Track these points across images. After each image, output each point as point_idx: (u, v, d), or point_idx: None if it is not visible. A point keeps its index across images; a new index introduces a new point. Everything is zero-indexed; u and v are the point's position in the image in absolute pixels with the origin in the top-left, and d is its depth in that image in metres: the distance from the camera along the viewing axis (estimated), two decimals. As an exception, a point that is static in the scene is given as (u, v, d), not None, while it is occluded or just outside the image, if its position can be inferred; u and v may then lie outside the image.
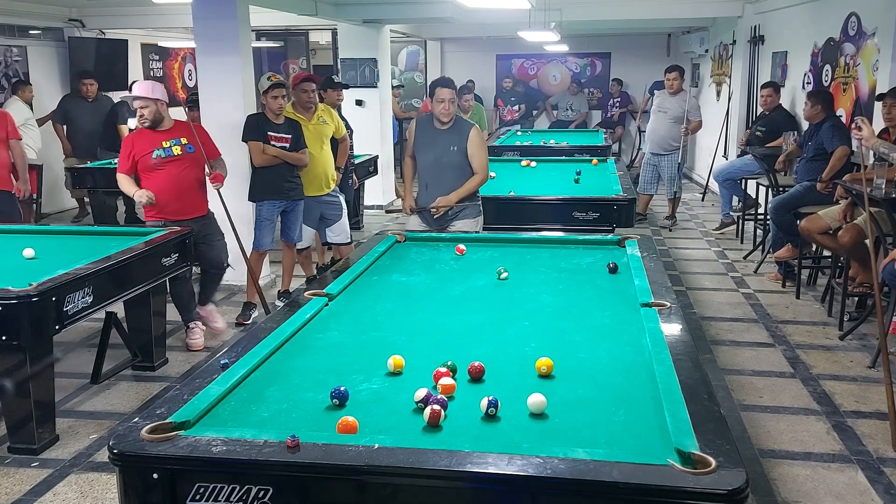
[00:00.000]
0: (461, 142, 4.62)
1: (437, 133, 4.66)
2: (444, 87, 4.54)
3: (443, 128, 4.64)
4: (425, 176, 4.77)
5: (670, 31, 13.20)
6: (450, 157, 4.63)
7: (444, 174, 4.66)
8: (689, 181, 11.49)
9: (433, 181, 4.71)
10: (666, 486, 1.60)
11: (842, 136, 5.70)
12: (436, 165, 4.67)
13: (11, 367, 3.43)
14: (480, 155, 4.69)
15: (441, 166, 4.65)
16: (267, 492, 1.72)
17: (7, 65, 8.82)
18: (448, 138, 4.64)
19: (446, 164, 4.64)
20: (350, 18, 9.00)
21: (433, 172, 4.70)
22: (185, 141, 4.75)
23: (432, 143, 4.66)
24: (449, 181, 4.65)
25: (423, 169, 4.79)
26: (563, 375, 2.27)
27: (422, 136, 4.74)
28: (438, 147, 4.65)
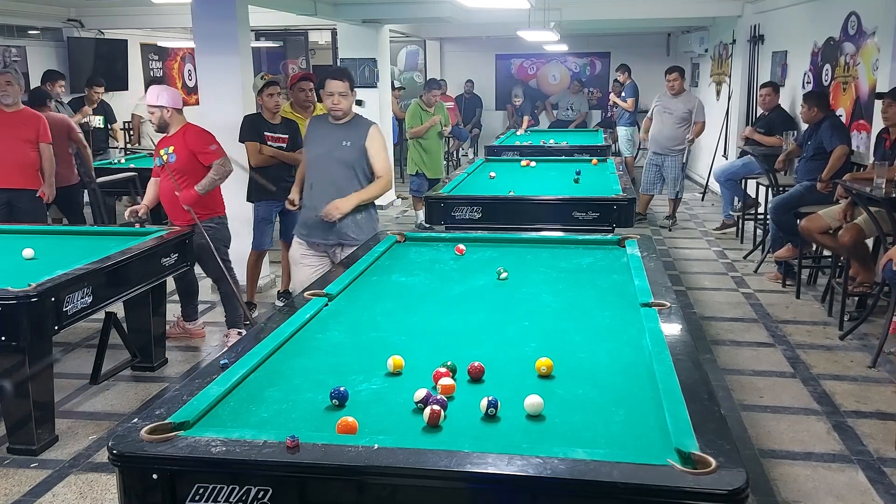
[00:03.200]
0: (358, 139, 4.07)
1: (331, 128, 4.11)
2: (334, 78, 3.96)
3: (337, 123, 4.10)
4: (311, 174, 4.20)
5: (670, 30, 13.21)
6: (341, 152, 4.07)
7: (331, 171, 4.09)
8: (690, 181, 11.48)
9: (319, 179, 4.13)
10: (666, 487, 1.60)
11: (841, 136, 5.70)
12: (323, 161, 4.10)
13: (11, 367, 3.43)
14: (383, 156, 4.18)
15: (329, 162, 4.09)
16: (267, 492, 1.72)
17: (6, 65, 8.81)
18: (341, 133, 4.09)
19: (336, 159, 4.08)
20: (349, 18, 9.00)
21: (319, 169, 4.13)
22: (172, 149, 4.73)
23: (322, 138, 4.12)
24: (336, 180, 4.08)
25: (309, 166, 4.22)
26: (563, 375, 2.26)
27: (314, 131, 4.23)
28: (328, 141, 4.09)
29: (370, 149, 4.07)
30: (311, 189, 4.14)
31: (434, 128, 8.12)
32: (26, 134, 5.57)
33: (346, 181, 4.07)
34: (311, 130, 4.25)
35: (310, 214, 4.13)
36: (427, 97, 8.00)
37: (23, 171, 5.53)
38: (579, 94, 13.27)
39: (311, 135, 4.22)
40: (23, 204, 5.54)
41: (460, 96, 13.18)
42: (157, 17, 9.75)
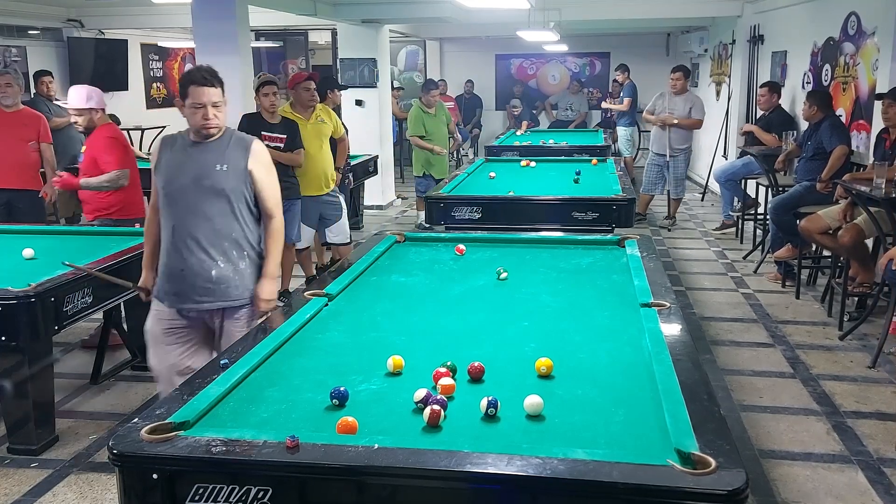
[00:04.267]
0: (237, 160, 3.01)
1: (195, 150, 3.03)
2: (204, 84, 2.94)
3: (204, 141, 3.04)
4: (171, 213, 3.04)
5: (670, 30, 13.21)
6: (214, 179, 2.98)
7: (201, 206, 2.99)
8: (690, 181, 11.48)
9: (184, 218, 3.01)
10: (666, 487, 1.60)
11: (841, 136, 5.70)
12: (189, 193, 3.00)
13: (11, 367, 3.43)
14: (274, 183, 3.14)
15: (198, 194, 2.99)
16: (266, 492, 1.72)
17: (6, 65, 8.81)
18: (212, 155, 3.01)
19: (207, 189, 2.99)
20: (349, 18, 9.00)
21: (183, 204, 3.00)
22: (84, 149, 4.73)
23: (185, 164, 3.03)
24: (210, 218, 3.00)
25: (168, 202, 3.05)
26: (563, 376, 2.26)
27: (169, 155, 3.07)
28: (195, 167, 3.01)
29: (256, 173, 3.05)
30: (174, 234, 3.03)
31: (440, 129, 8.04)
32: (27, 134, 5.57)
33: (224, 218, 3.02)
34: (164, 153, 3.08)
35: (173, 271, 3.05)
36: (426, 98, 7.99)
37: (23, 172, 5.53)
38: (579, 95, 13.27)
39: (165, 160, 3.06)
40: (23, 204, 5.54)
41: (460, 96, 13.19)
42: (157, 17, 9.76)
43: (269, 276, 3.11)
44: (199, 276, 3.01)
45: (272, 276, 3.12)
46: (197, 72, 2.96)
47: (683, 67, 8.56)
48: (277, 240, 3.14)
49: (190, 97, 2.93)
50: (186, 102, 2.94)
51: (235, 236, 3.06)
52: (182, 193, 3.00)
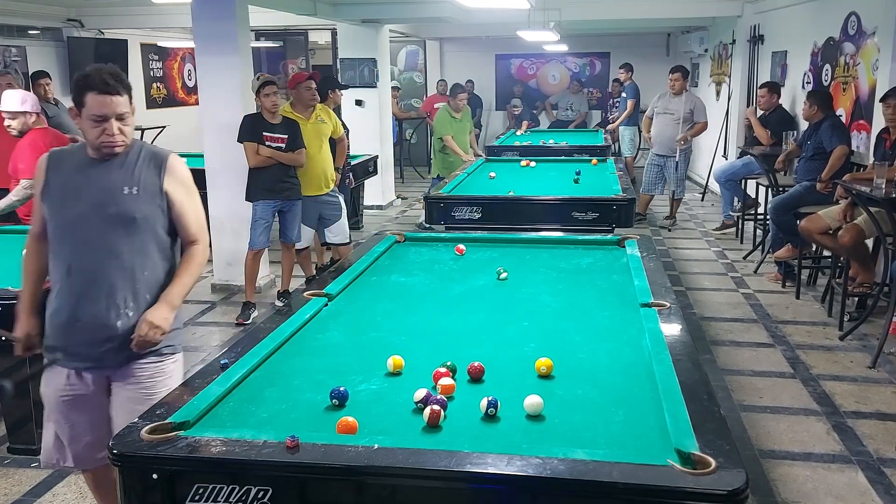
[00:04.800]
0: (150, 180, 2.43)
1: (95, 169, 2.42)
2: (108, 92, 2.37)
3: (104, 159, 2.43)
4: (66, 252, 2.42)
5: (670, 30, 13.21)
6: (121, 204, 2.39)
7: (107, 241, 2.39)
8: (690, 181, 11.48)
9: (82, 258, 2.40)
10: (666, 487, 1.60)
11: (841, 136, 5.70)
12: (89, 224, 2.39)
13: (11, 367, 3.42)
14: (197, 204, 2.59)
15: (100, 224, 2.39)
16: (266, 492, 1.72)
17: (6, 65, 8.81)
18: (117, 175, 2.41)
19: (114, 219, 2.39)
20: (349, 18, 9.00)
21: (83, 239, 2.40)
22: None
23: (82, 187, 2.41)
24: (118, 254, 2.40)
25: (59, 237, 2.44)
26: (563, 376, 2.26)
27: (60, 176, 2.45)
28: (94, 191, 2.40)
29: (174, 194, 2.47)
30: (70, 275, 2.40)
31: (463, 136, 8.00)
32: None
33: (134, 254, 2.40)
34: (53, 174, 2.44)
35: (65, 322, 2.41)
36: (454, 102, 7.95)
37: None
38: (579, 95, 13.27)
39: (55, 182, 2.42)
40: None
41: (460, 96, 13.17)
42: (157, 17, 9.76)
43: (168, 302, 2.43)
44: (101, 330, 2.38)
45: (172, 303, 2.44)
46: (96, 75, 2.33)
47: (682, 68, 8.57)
48: (194, 266, 2.52)
49: (87, 107, 2.32)
50: (83, 113, 2.33)
51: (149, 275, 2.43)
52: (80, 224, 2.36)
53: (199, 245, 2.55)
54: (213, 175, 6.14)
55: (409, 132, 13.35)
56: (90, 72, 2.39)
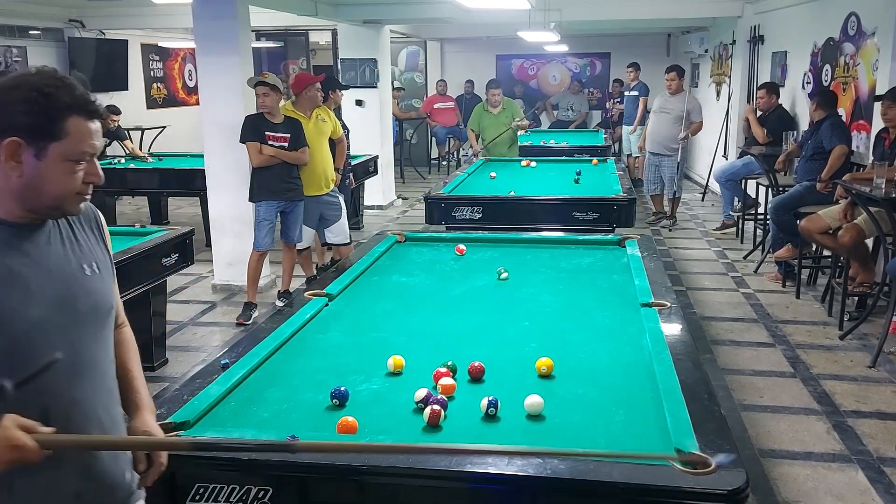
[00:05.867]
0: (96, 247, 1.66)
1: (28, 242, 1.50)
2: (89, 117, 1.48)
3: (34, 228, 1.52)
4: (34, 388, 1.40)
5: (670, 31, 13.20)
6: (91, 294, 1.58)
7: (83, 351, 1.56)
8: (689, 181, 11.49)
9: (60, 391, 1.50)
10: (666, 486, 1.60)
11: (840, 136, 5.69)
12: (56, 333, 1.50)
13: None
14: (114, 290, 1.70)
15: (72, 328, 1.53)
16: (267, 492, 1.72)
17: (7, 65, 8.82)
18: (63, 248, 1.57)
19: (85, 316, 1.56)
20: (350, 19, 9.00)
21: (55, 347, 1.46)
22: None
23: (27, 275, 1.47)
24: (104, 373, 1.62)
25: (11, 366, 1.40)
26: (563, 375, 2.27)
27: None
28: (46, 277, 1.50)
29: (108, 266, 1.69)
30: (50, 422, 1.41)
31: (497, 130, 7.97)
32: None
33: (108, 362, 1.63)
34: None
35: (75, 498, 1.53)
36: (487, 96, 7.99)
37: None
38: (579, 95, 13.27)
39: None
40: None
41: (461, 96, 13.19)
42: (157, 18, 9.75)
43: (153, 411, 1.72)
44: (116, 491, 1.60)
45: (153, 407, 1.74)
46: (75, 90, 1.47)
47: (677, 67, 8.59)
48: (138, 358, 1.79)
49: (70, 140, 1.45)
50: (52, 150, 1.44)
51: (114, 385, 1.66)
52: (42, 337, 1.47)
53: (127, 326, 1.80)
54: (214, 175, 6.15)
55: (410, 132, 13.35)
56: (63, 83, 1.46)
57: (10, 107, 1.42)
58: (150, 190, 8.03)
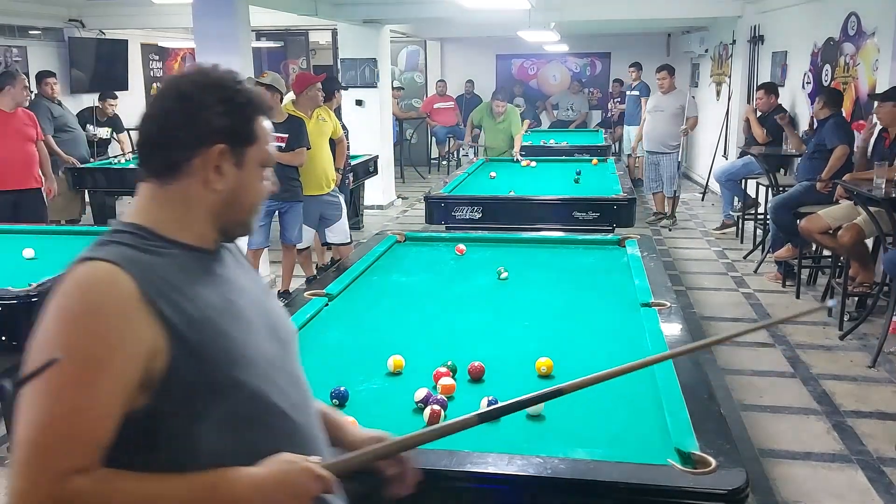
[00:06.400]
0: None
1: (218, 265, 1.34)
2: (266, 116, 1.40)
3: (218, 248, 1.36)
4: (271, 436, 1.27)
5: (670, 30, 13.20)
6: (284, 315, 1.50)
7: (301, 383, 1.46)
8: (690, 181, 11.49)
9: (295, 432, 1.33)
10: (666, 486, 1.60)
11: (842, 136, 5.69)
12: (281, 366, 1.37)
13: (11, 367, 3.43)
14: None
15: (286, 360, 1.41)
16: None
17: (7, 65, 8.81)
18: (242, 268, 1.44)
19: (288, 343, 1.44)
20: (350, 18, 9.00)
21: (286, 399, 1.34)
22: None
23: (240, 304, 1.33)
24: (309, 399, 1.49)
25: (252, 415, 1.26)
26: (563, 375, 2.26)
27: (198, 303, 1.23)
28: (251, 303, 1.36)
29: None
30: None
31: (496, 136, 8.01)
32: (29, 133, 5.62)
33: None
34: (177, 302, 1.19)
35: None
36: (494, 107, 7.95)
37: (30, 171, 5.57)
38: (579, 95, 13.28)
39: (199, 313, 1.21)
40: (28, 203, 5.57)
41: (461, 96, 13.20)
42: (157, 18, 9.76)
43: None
44: None
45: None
46: (257, 91, 1.35)
47: (667, 66, 8.67)
48: None
49: (261, 141, 1.36)
50: (249, 155, 1.32)
51: None
52: (273, 372, 1.32)
53: None
54: (214, 175, 6.14)
55: (410, 132, 13.35)
56: (241, 81, 1.32)
57: (208, 109, 1.24)
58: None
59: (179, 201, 1.26)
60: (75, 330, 1.14)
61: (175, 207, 1.26)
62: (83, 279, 1.15)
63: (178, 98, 1.25)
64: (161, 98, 1.27)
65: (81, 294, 1.15)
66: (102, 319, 1.13)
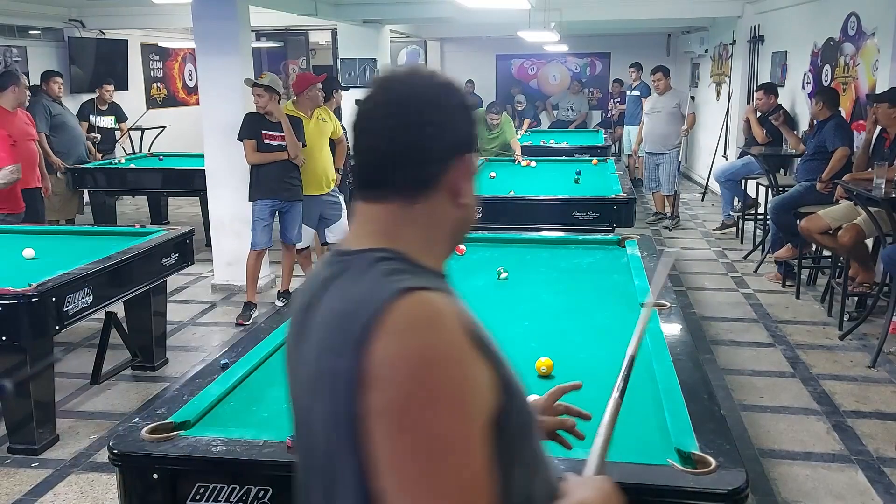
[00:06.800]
0: None
1: None
2: None
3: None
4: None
5: (670, 31, 13.21)
6: None
7: None
8: (690, 181, 11.49)
9: None
10: (666, 486, 1.60)
11: (843, 137, 5.69)
12: None
13: (11, 367, 3.43)
14: None
15: None
16: (267, 492, 1.72)
17: (7, 65, 8.81)
18: None
19: None
20: (350, 18, 9.00)
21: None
22: None
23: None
24: None
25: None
26: (563, 375, 2.26)
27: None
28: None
29: None
30: None
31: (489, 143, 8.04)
32: (30, 132, 5.64)
33: None
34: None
35: None
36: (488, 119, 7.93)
37: (32, 170, 5.58)
38: (579, 95, 13.27)
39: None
40: (29, 202, 5.57)
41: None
42: (157, 18, 9.75)
43: None
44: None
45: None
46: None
47: (662, 67, 8.68)
48: None
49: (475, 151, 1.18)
50: (475, 164, 1.18)
51: None
52: None
53: None
54: (214, 175, 6.15)
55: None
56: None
57: (456, 116, 1.12)
58: (150, 190, 8.03)
59: (426, 221, 1.11)
60: (448, 378, 0.94)
61: (422, 229, 1.12)
62: (427, 314, 0.98)
63: (427, 105, 1.09)
64: (398, 107, 1.08)
65: (435, 332, 0.96)
66: (464, 360, 0.97)
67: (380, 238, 1.09)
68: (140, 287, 4.13)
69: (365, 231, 1.11)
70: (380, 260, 1.06)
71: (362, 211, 1.11)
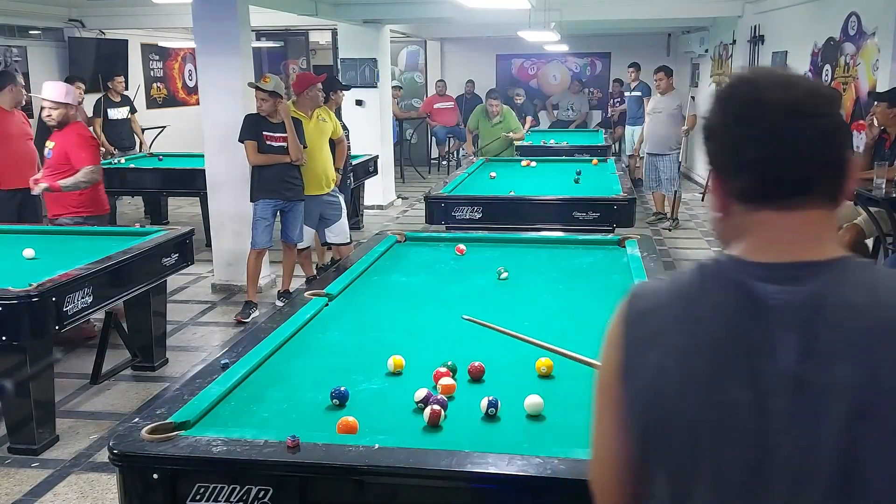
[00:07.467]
0: None
1: None
2: None
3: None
4: None
5: (670, 30, 13.21)
6: None
7: None
8: (690, 181, 11.49)
9: None
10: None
11: (843, 137, 5.69)
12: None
13: (11, 367, 3.43)
14: None
15: None
16: (267, 492, 1.72)
17: (7, 65, 8.81)
18: None
19: None
20: (350, 18, 9.00)
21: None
22: (53, 145, 4.87)
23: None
24: None
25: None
26: (563, 375, 2.26)
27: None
28: None
29: None
30: None
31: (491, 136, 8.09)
32: (28, 131, 5.66)
33: None
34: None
35: None
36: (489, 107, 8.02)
37: (32, 169, 5.58)
38: (579, 95, 13.28)
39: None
40: (29, 202, 5.58)
41: (461, 96, 13.20)
42: (157, 18, 9.76)
43: None
44: None
45: None
46: None
47: (665, 67, 8.68)
48: None
49: None
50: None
51: None
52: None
53: None
54: (214, 175, 6.15)
55: (410, 132, 13.36)
56: None
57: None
58: (150, 190, 8.04)
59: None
60: None
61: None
62: None
63: (838, 111, 1.11)
64: (825, 113, 1.07)
65: None
66: None
67: (829, 247, 1.06)
68: (140, 287, 4.13)
69: (811, 237, 1.06)
70: (862, 266, 1.05)
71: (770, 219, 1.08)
